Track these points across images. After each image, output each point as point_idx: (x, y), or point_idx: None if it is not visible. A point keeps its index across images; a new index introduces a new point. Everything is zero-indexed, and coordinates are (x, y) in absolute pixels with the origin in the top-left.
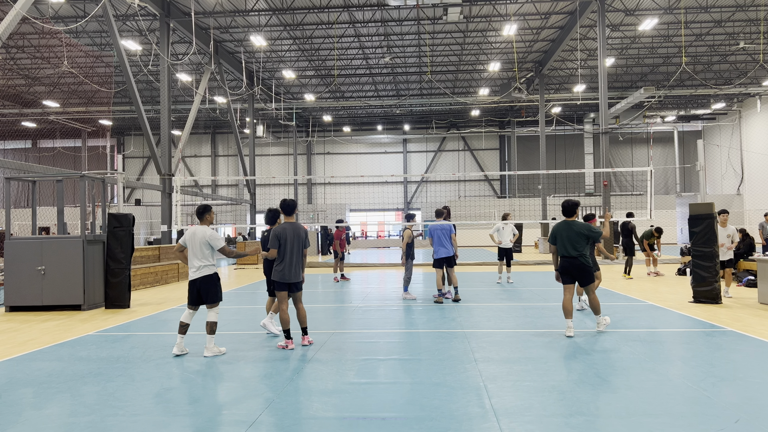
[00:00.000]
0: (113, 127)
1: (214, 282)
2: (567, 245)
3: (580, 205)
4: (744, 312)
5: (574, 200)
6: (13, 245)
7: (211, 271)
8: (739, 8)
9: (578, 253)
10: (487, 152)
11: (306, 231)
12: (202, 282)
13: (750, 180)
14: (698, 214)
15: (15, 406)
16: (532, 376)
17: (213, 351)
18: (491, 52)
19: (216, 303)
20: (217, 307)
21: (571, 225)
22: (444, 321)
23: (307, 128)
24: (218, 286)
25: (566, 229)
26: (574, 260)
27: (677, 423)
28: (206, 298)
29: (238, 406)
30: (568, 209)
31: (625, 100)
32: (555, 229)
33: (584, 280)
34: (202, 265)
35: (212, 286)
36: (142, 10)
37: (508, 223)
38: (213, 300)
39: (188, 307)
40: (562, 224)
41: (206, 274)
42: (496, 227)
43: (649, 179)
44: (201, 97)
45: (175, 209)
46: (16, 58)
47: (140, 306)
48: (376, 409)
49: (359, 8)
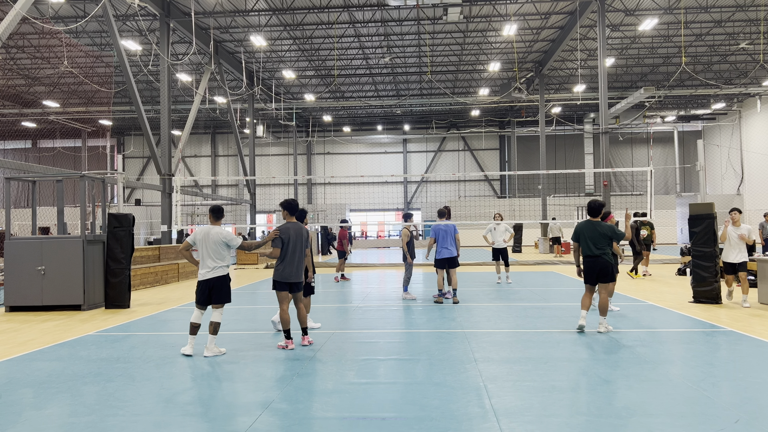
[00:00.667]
0: (113, 127)
1: (226, 282)
2: (590, 244)
3: (605, 206)
4: (744, 312)
5: (600, 201)
6: (13, 245)
7: (225, 271)
8: (739, 8)
9: (601, 251)
10: (487, 152)
11: (308, 231)
12: (216, 282)
13: (750, 180)
14: (698, 214)
15: (15, 406)
16: (532, 376)
17: (213, 351)
18: (491, 52)
19: (223, 304)
20: (222, 308)
21: (596, 225)
22: (444, 321)
23: (307, 128)
24: (229, 287)
25: (590, 229)
26: (598, 259)
27: (677, 423)
28: (217, 298)
29: (238, 406)
30: (594, 209)
31: (625, 100)
32: (578, 228)
33: (605, 278)
34: (216, 266)
35: (225, 287)
36: (142, 10)
37: (500, 223)
38: (223, 300)
39: (197, 307)
40: (586, 224)
41: (221, 274)
42: (489, 228)
43: (649, 179)
44: (201, 97)
45: (175, 209)
46: (16, 58)
47: (140, 306)
48: (376, 409)
49: (359, 8)
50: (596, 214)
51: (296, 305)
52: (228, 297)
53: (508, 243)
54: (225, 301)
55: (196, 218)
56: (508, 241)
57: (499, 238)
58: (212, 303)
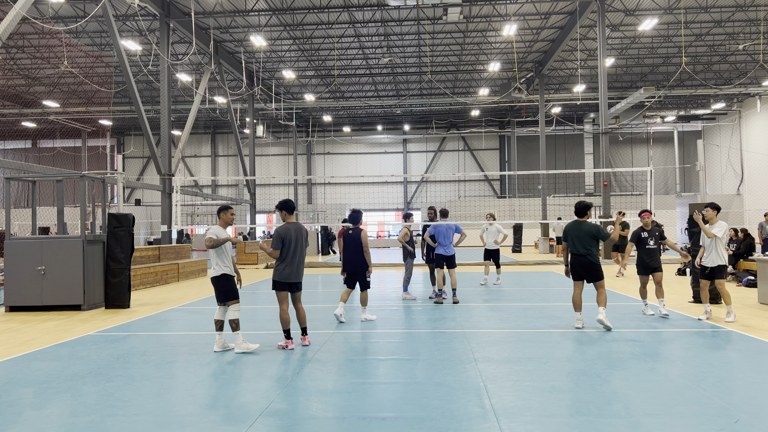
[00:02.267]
0: (113, 127)
1: (216, 283)
2: (576, 243)
3: (593, 206)
4: (744, 312)
5: (586, 202)
6: (13, 245)
7: (217, 272)
8: (739, 8)
9: (586, 251)
10: (487, 152)
11: (307, 231)
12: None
13: (750, 180)
14: None
15: (15, 406)
16: (532, 376)
17: (241, 347)
18: (491, 52)
19: (228, 301)
20: (233, 305)
21: (581, 225)
22: (444, 321)
23: (307, 128)
24: (223, 288)
25: (576, 229)
26: (583, 258)
27: (677, 423)
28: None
29: (237, 406)
30: (579, 210)
31: (625, 100)
32: (566, 228)
33: (592, 277)
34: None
35: (216, 288)
36: (142, 10)
37: (493, 224)
38: (220, 299)
39: (218, 305)
40: (573, 223)
41: (212, 275)
42: (483, 228)
43: (649, 179)
44: (201, 97)
45: (175, 209)
46: (16, 58)
47: (140, 306)
48: (376, 409)
49: (359, 8)
50: (582, 214)
51: (295, 305)
52: (224, 297)
53: (501, 244)
54: (222, 300)
55: (195, 218)
56: (501, 242)
57: (491, 239)
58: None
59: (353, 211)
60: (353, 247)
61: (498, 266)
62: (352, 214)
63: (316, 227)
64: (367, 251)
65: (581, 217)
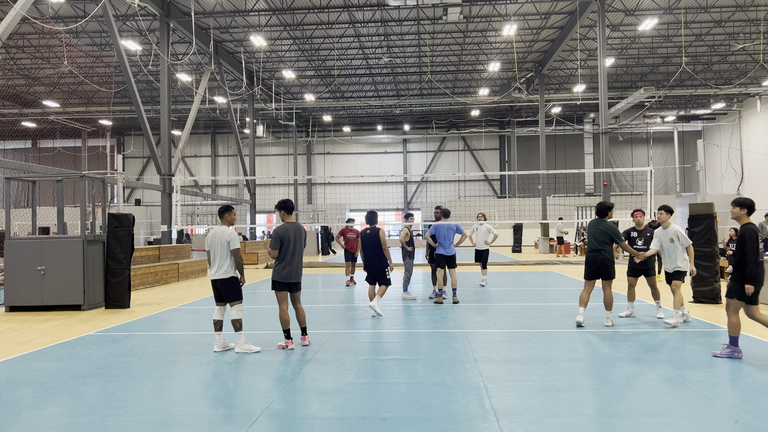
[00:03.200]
0: (113, 127)
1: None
2: (592, 239)
3: (613, 207)
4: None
5: (607, 204)
6: (13, 245)
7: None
8: (739, 8)
9: (600, 247)
10: (487, 152)
11: (305, 231)
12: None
13: (750, 180)
14: (698, 214)
15: (15, 406)
16: (532, 376)
17: (243, 348)
18: (491, 52)
19: (234, 302)
20: (237, 305)
21: (600, 223)
22: (444, 321)
23: (307, 128)
24: (236, 288)
25: (594, 226)
26: (597, 253)
27: (677, 423)
28: (227, 297)
29: (237, 406)
30: (600, 211)
31: (625, 100)
32: (588, 225)
33: (604, 275)
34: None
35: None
36: (142, 10)
37: (483, 224)
38: (231, 299)
39: (217, 305)
40: (593, 221)
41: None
42: (473, 228)
43: (649, 179)
44: (201, 97)
45: (175, 209)
46: (16, 58)
47: (140, 306)
48: (376, 409)
49: (359, 8)
50: (603, 215)
51: (295, 305)
52: (234, 297)
53: (491, 244)
54: (232, 300)
55: (195, 218)
56: (491, 243)
57: (481, 239)
58: (225, 301)
59: (369, 212)
60: (372, 247)
61: (484, 267)
62: (368, 214)
63: (316, 227)
64: (386, 249)
65: (602, 217)
